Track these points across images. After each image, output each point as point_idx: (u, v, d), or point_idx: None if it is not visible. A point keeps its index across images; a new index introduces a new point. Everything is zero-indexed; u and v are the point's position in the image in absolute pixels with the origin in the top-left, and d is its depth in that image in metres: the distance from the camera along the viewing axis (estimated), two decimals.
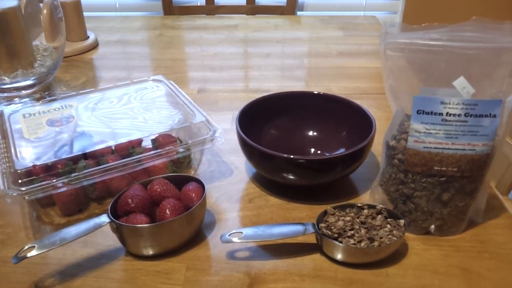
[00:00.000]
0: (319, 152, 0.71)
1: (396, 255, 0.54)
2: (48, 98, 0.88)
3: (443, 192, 0.54)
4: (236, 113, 0.87)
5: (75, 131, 0.65)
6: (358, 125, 0.67)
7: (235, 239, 0.53)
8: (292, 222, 0.60)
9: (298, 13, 1.76)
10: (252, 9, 1.67)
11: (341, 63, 1.07)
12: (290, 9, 1.63)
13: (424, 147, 0.52)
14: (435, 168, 0.53)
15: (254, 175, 0.69)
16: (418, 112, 0.51)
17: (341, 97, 0.71)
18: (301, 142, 0.72)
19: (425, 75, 0.51)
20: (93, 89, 0.75)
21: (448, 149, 0.52)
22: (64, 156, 0.60)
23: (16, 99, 0.86)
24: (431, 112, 0.51)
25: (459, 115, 0.50)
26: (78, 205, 0.62)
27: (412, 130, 0.52)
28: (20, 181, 0.55)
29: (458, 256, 0.55)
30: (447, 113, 0.50)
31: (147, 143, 0.66)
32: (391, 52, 0.51)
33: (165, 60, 1.10)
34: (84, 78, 1.02)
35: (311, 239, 0.55)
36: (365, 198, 0.64)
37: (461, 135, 0.51)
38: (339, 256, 0.53)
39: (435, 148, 0.52)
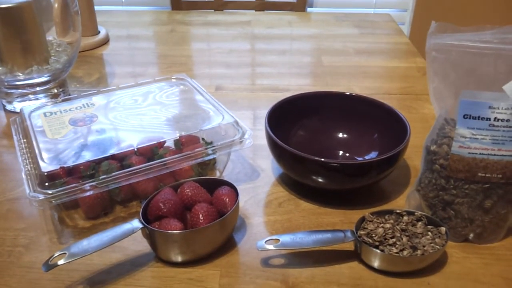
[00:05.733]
0: (347, 154, 0.69)
1: (436, 264, 0.52)
2: (62, 96, 0.86)
3: (485, 199, 0.52)
4: (256, 112, 0.85)
5: (98, 131, 0.63)
6: (389, 128, 0.66)
7: (271, 247, 0.51)
8: (326, 228, 0.58)
9: (308, 9, 1.73)
10: (261, 5, 1.64)
11: (359, 61, 1.05)
12: (300, 5, 1.61)
13: (469, 153, 0.50)
14: (479, 174, 0.51)
15: (282, 177, 0.67)
16: (464, 116, 0.49)
17: (372, 99, 0.69)
18: (329, 144, 0.70)
19: (472, 78, 0.50)
20: (115, 87, 0.72)
21: (494, 155, 0.50)
22: (88, 158, 0.58)
23: (31, 95, 0.83)
24: (478, 117, 0.49)
25: (507, 120, 0.48)
26: (103, 208, 0.59)
27: (457, 135, 0.50)
28: (46, 184, 0.53)
29: (499, 265, 0.53)
30: (495, 118, 0.49)
31: (169, 144, 0.64)
32: (436, 53, 0.50)
33: (178, 57, 1.08)
34: (97, 75, 0.99)
35: (347, 246, 0.54)
36: (397, 203, 0.62)
37: (508, 141, 0.49)
38: (379, 265, 0.51)
39: (480, 154, 0.50)
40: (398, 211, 0.55)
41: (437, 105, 0.53)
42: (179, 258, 0.52)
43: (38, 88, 0.84)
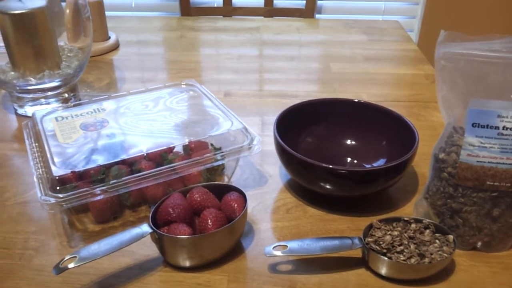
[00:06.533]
0: (355, 161, 0.70)
1: (444, 272, 0.52)
2: (73, 101, 0.87)
3: (493, 207, 0.52)
4: (264, 118, 0.86)
5: (109, 135, 0.64)
6: (397, 135, 0.66)
7: (279, 253, 0.51)
8: (334, 234, 0.58)
9: (316, 16, 1.74)
10: (270, 11, 1.65)
11: (367, 68, 1.05)
12: (309, 12, 1.62)
13: (478, 161, 0.50)
14: (488, 183, 0.51)
15: (290, 184, 0.67)
16: (473, 125, 0.49)
17: (381, 106, 0.69)
18: (338, 151, 0.71)
19: (480, 87, 0.50)
20: (125, 92, 0.73)
21: (503, 164, 0.50)
22: (98, 163, 0.58)
23: (42, 100, 0.84)
24: (487, 126, 0.49)
25: None
26: (113, 213, 0.60)
27: (465, 143, 0.50)
28: (58, 188, 0.54)
29: (507, 274, 0.53)
30: (503, 127, 0.49)
31: (178, 149, 0.64)
32: (445, 62, 0.50)
33: (188, 63, 1.09)
34: (108, 80, 1.00)
35: (355, 253, 0.54)
36: (405, 211, 0.62)
37: None
38: (387, 272, 0.51)
39: (488, 162, 0.50)
40: (406, 218, 0.55)
41: (446, 114, 0.53)
42: (187, 263, 0.53)
43: (49, 93, 0.85)
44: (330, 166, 0.57)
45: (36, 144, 0.62)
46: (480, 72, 0.49)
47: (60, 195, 0.53)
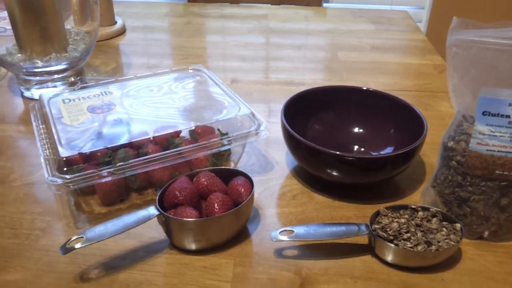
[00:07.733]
0: (362, 149, 0.69)
1: (450, 260, 0.52)
2: (80, 84, 0.87)
3: (502, 196, 0.52)
4: (271, 105, 0.86)
5: (116, 119, 0.64)
6: (405, 123, 0.66)
7: (285, 238, 0.51)
8: (340, 221, 0.58)
9: (324, 4, 1.73)
10: None
11: (375, 57, 1.05)
12: (317, 0, 1.61)
13: (487, 150, 0.50)
14: (497, 172, 0.51)
15: (296, 170, 0.67)
16: (483, 113, 0.49)
17: (389, 94, 0.69)
18: (345, 139, 0.70)
19: (492, 74, 0.49)
20: (132, 76, 0.73)
21: None
22: (105, 145, 0.58)
23: (49, 83, 0.84)
24: (498, 114, 0.48)
25: None
26: (119, 195, 0.60)
27: (475, 131, 0.50)
28: (65, 169, 0.54)
29: None
30: None
31: (184, 133, 0.64)
32: (457, 49, 0.49)
33: (194, 49, 1.08)
34: (114, 64, 1.00)
35: (361, 239, 0.54)
36: (412, 199, 0.62)
37: None
38: (393, 259, 0.51)
39: (498, 151, 0.50)
40: (413, 206, 0.55)
41: (456, 102, 0.52)
42: (193, 246, 0.53)
43: (56, 76, 0.85)
44: (338, 153, 0.57)
45: (43, 126, 0.62)
46: (492, 60, 0.48)
47: (67, 176, 0.53)
